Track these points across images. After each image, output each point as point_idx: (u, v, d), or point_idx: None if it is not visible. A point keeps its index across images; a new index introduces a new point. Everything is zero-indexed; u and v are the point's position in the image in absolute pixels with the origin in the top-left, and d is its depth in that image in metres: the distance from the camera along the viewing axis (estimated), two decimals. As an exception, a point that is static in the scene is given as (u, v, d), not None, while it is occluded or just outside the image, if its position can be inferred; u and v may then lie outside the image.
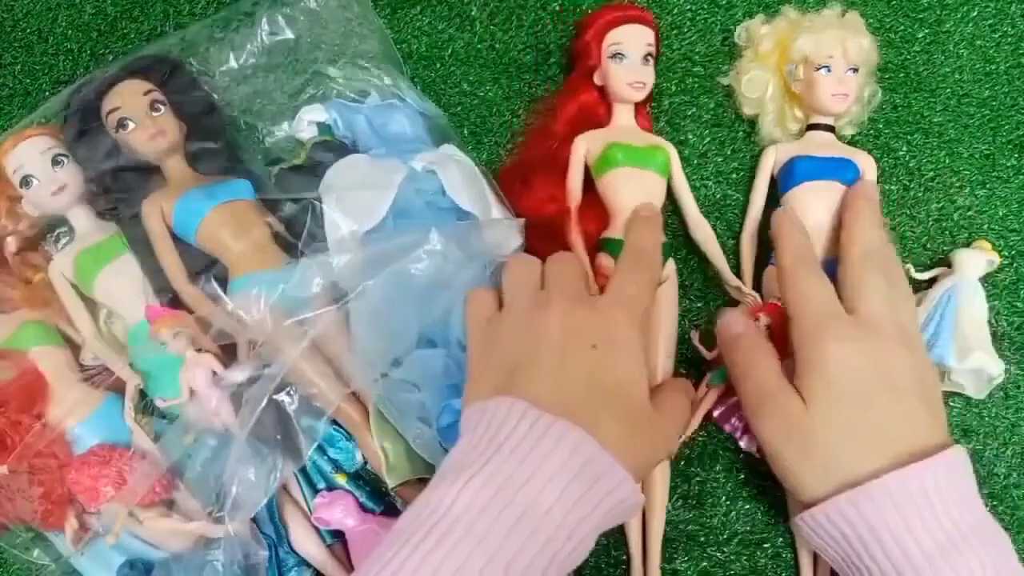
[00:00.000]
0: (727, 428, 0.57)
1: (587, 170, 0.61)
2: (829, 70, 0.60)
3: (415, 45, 0.65)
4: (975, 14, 0.68)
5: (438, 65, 0.65)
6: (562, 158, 0.61)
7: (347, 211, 0.54)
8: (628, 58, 0.61)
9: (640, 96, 0.61)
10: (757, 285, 0.61)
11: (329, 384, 0.52)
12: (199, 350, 0.51)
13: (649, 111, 0.65)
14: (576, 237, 0.59)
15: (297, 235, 0.55)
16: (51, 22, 0.65)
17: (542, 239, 0.58)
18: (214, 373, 0.50)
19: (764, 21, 0.65)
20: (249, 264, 0.53)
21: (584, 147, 0.61)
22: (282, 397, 0.51)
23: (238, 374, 0.49)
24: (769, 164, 0.62)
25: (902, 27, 0.68)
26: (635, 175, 0.59)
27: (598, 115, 0.62)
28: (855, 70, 0.60)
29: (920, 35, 0.68)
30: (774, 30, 0.63)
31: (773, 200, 0.62)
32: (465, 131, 0.64)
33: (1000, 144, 0.66)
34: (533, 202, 0.60)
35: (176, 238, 0.54)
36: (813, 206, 0.59)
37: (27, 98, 0.64)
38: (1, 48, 0.65)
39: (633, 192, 0.59)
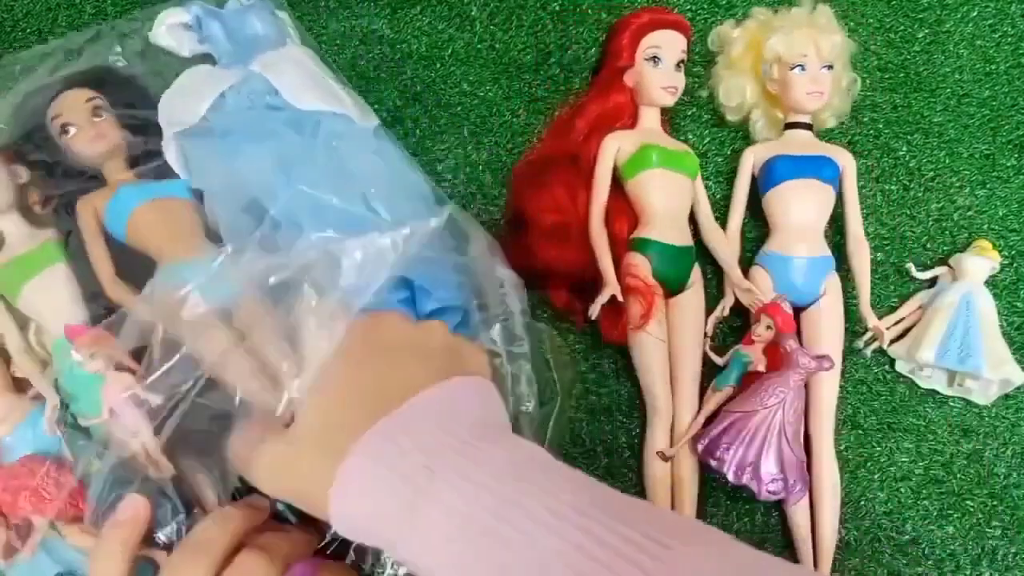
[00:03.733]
0: (713, 463, 0.55)
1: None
2: (803, 69, 0.60)
3: (415, 45, 0.65)
4: (975, 14, 0.68)
5: (438, 65, 0.65)
6: (585, 157, 0.61)
7: (168, 114, 0.54)
8: (663, 62, 0.61)
9: (671, 101, 0.61)
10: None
11: (263, 382, 0.43)
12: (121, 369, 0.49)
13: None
14: (600, 234, 0.59)
15: None
16: (51, 22, 0.65)
17: (554, 241, 0.58)
18: (133, 393, 0.48)
19: (735, 24, 0.65)
20: (175, 253, 0.51)
21: (615, 146, 0.61)
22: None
23: (156, 396, 0.47)
24: (748, 165, 0.62)
25: (902, 27, 0.68)
26: (667, 177, 0.59)
27: (624, 117, 0.62)
28: (829, 67, 0.61)
29: (920, 35, 0.68)
30: (745, 32, 0.63)
31: (756, 199, 0.62)
32: (465, 131, 0.64)
33: (1000, 144, 0.66)
34: (549, 200, 0.60)
35: (110, 241, 0.53)
36: (794, 204, 0.60)
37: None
38: (1, 48, 0.65)
39: (664, 194, 0.59)
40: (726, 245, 0.61)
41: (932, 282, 0.63)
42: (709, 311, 0.61)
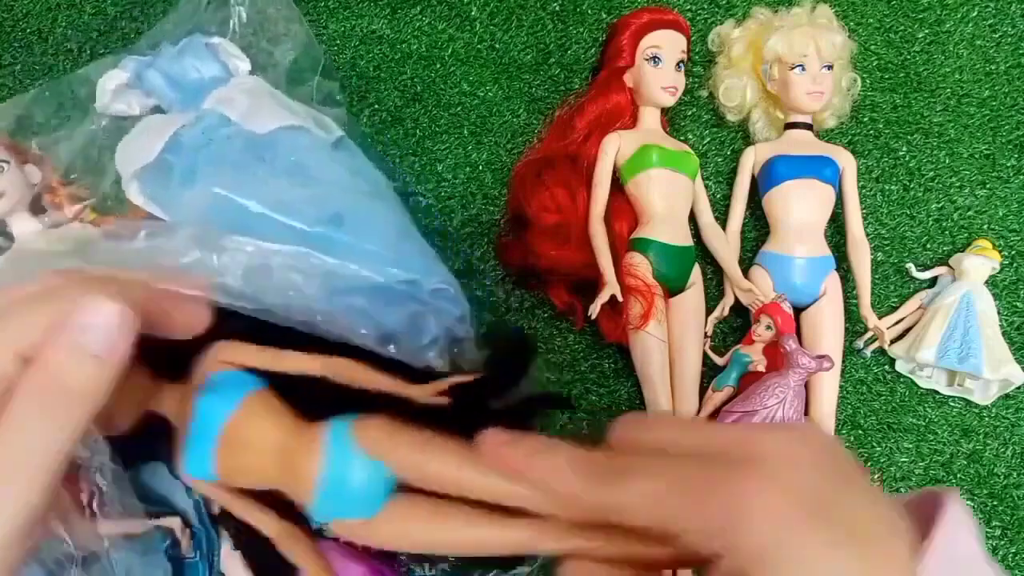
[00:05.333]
0: None
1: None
2: (804, 69, 0.60)
3: (415, 45, 0.65)
4: (975, 14, 0.68)
5: (438, 65, 0.65)
6: (585, 156, 0.61)
7: (124, 159, 0.52)
8: (663, 62, 0.61)
9: (671, 101, 0.61)
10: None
11: None
12: None
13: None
14: (600, 233, 0.59)
15: None
16: (51, 22, 0.65)
17: (555, 240, 0.58)
18: None
19: (735, 24, 0.65)
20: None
21: (616, 145, 0.61)
22: None
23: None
24: (749, 165, 0.63)
25: (902, 27, 0.68)
26: (668, 177, 0.60)
27: (624, 117, 0.62)
28: (829, 67, 0.61)
29: (920, 35, 0.68)
30: (745, 32, 0.63)
31: (756, 199, 0.62)
32: (465, 131, 0.64)
33: (1000, 144, 0.66)
34: (549, 200, 0.60)
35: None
36: (794, 204, 0.60)
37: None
38: (1, 48, 0.65)
39: (664, 194, 0.59)
40: (726, 245, 0.61)
41: (932, 282, 0.63)
42: (709, 311, 0.61)
